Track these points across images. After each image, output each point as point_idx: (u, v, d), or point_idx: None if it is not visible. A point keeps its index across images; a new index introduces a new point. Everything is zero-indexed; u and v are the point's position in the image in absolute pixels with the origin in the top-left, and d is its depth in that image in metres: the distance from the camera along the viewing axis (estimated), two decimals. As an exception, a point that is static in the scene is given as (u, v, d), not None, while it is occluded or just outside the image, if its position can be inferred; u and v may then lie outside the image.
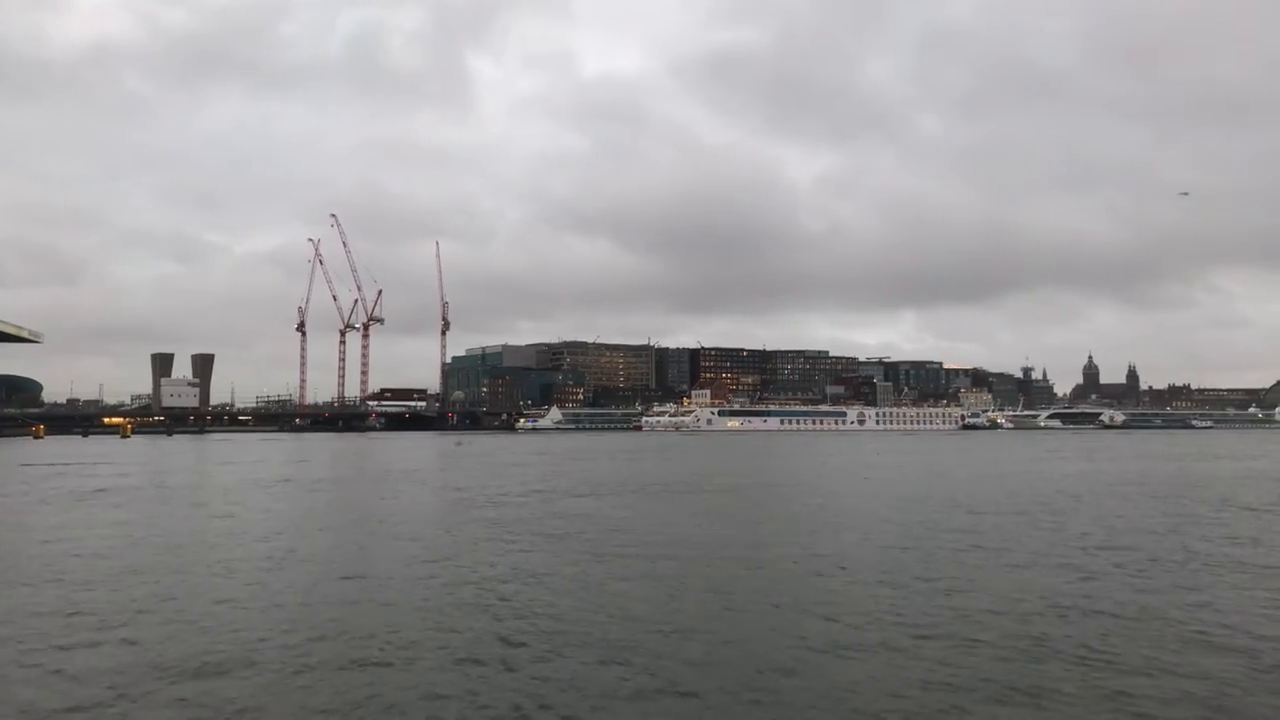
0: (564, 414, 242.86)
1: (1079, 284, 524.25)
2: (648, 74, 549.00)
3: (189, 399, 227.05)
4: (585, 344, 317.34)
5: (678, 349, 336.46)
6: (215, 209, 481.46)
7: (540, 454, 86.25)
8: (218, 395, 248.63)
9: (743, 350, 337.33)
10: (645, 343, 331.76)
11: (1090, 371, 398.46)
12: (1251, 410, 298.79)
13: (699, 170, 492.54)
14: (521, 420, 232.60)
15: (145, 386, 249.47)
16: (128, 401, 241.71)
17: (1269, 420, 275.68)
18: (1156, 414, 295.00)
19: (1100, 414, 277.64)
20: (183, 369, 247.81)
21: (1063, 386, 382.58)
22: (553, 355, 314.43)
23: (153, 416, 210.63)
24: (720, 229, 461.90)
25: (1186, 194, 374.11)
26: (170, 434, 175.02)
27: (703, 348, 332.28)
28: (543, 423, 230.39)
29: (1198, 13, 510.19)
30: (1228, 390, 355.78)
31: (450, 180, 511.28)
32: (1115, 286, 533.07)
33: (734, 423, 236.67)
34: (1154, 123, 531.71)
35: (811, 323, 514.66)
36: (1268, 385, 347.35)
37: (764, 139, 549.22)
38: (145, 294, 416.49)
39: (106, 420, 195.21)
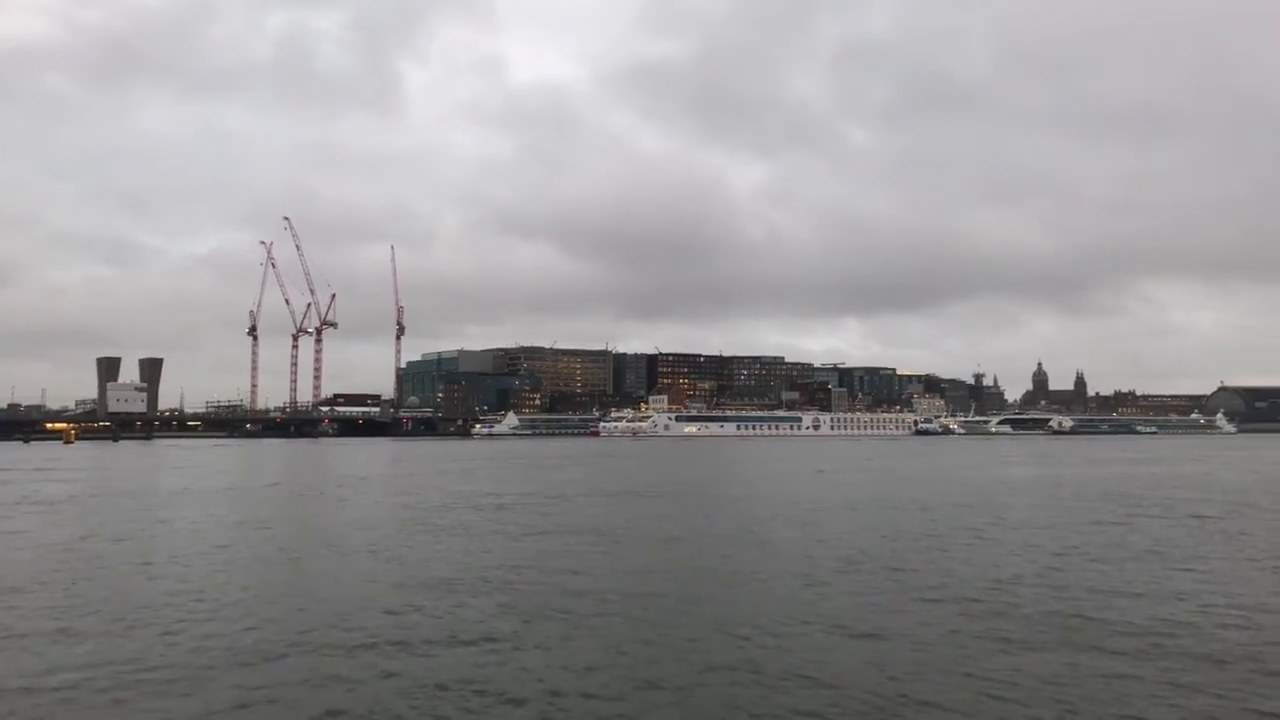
0: (521, 419, 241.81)
1: (1017, 292, 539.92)
2: (576, 83, 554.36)
3: (136, 404, 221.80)
4: (542, 349, 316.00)
5: (635, 355, 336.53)
6: (148, 212, 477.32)
7: (494, 458, 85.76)
8: (166, 400, 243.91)
9: (700, 356, 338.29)
10: (603, 348, 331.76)
11: (1040, 378, 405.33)
12: (1194, 416, 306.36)
13: (637, 178, 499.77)
14: (477, 426, 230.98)
15: (90, 391, 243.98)
16: (72, 406, 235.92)
17: (1210, 426, 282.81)
18: (1104, 420, 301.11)
19: (1049, 419, 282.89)
20: (130, 374, 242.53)
21: (1013, 393, 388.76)
22: (509, 360, 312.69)
23: (98, 422, 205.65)
24: (663, 236, 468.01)
25: None
26: (116, 440, 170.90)
27: (660, 353, 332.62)
28: (499, 428, 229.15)
29: (1102, 29, 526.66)
30: (1170, 397, 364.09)
31: (385, 185, 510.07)
32: (1052, 295, 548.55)
33: (691, 428, 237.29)
34: (1072, 135, 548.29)
35: (760, 329, 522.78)
36: (1208, 392, 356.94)
37: (699, 148, 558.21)
38: (81, 296, 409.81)
39: (49, 426, 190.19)
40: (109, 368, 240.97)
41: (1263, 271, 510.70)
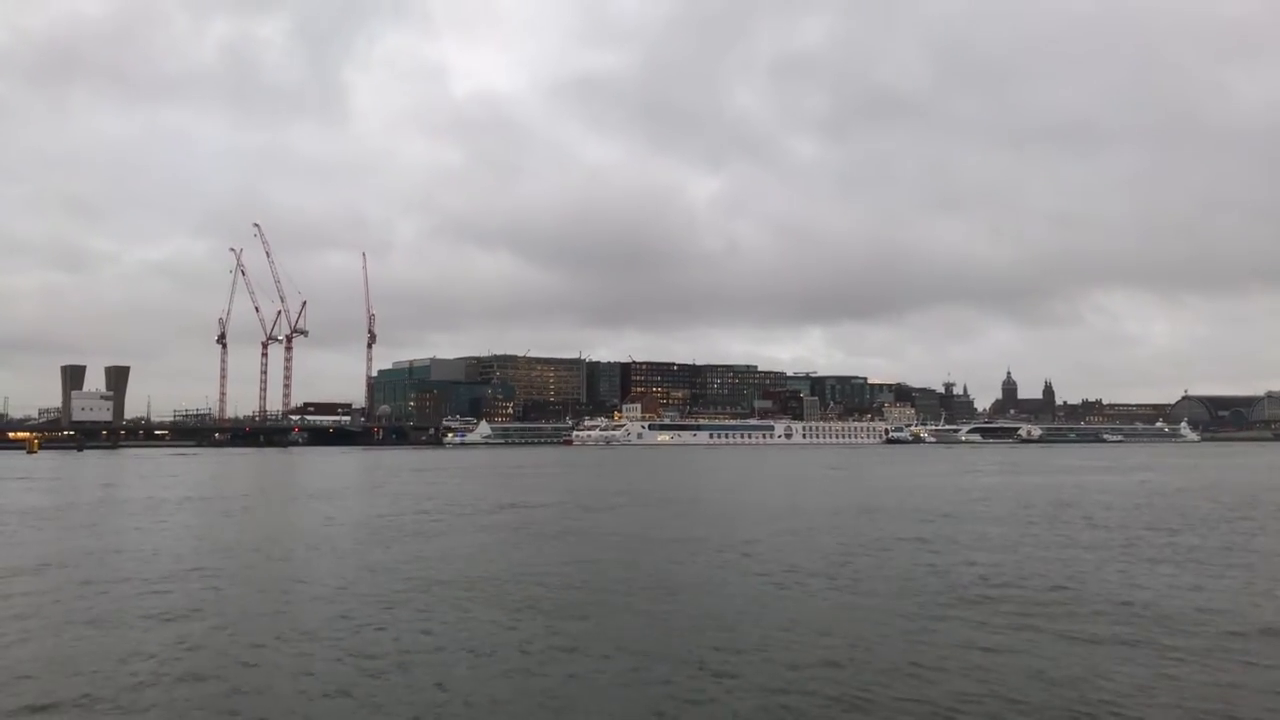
0: (493, 428, 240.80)
1: (974, 301, 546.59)
2: (520, 93, 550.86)
3: (102, 413, 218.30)
4: (515, 358, 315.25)
5: (609, 363, 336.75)
6: (98, 217, 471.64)
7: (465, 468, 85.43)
8: (133, 409, 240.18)
9: (673, 365, 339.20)
10: (576, 356, 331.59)
11: (1009, 387, 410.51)
12: (1159, 425, 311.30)
13: (591, 188, 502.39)
14: (449, 435, 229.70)
15: (53, 400, 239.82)
16: (35, 415, 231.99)
17: (1175, 435, 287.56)
18: (1071, 428, 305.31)
19: (1019, 428, 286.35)
20: (95, 382, 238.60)
21: (983, 401, 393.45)
22: (482, 369, 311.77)
23: (62, 431, 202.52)
24: (621, 245, 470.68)
25: None
26: (81, 449, 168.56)
27: (634, 362, 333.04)
28: (471, 437, 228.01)
29: (1034, 43, 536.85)
30: (1136, 406, 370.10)
31: (336, 192, 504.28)
32: (1008, 304, 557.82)
33: (664, 436, 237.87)
34: (1013, 146, 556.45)
35: (724, 338, 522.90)
36: (1171, 401, 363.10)
37: (650, 159, 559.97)
38: (36, 303, 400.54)
39: (12, 435, 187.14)
40: (73, 376, 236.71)
41: (1209, 283, 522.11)
